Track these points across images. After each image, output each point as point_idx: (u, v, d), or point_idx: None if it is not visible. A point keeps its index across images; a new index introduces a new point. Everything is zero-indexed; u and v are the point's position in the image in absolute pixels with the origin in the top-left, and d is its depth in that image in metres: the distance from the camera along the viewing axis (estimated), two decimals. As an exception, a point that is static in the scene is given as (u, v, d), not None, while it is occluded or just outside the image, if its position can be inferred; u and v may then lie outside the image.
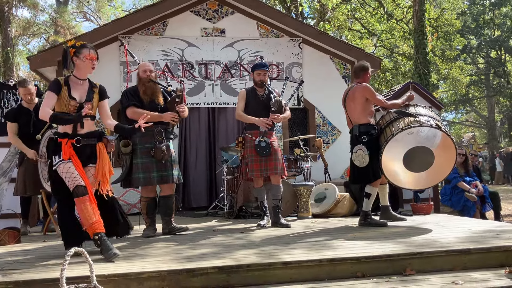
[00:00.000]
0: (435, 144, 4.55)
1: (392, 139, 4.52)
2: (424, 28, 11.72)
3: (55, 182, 3.64)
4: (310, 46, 8.24)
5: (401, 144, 4.55)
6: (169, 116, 4.60)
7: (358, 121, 4.87)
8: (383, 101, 4.94)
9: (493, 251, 3.31)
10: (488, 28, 28.43)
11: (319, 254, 3.25)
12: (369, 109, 4.91)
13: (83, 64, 3.68)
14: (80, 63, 3.68)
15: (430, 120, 4.58)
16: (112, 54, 7.59)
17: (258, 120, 5.03)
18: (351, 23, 21.42)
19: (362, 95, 4.85)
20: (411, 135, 4.52)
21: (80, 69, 3.71)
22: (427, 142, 4.54)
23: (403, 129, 4.51)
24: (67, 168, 3.51)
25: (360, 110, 4.87)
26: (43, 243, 4.48)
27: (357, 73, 5.05)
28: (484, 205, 7.40)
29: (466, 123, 38.76)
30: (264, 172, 5.05)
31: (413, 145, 4.54)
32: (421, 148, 4.54)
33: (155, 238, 4.48)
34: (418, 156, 4.57)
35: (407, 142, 4.54)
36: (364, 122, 4.84)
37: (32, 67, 7.40)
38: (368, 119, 4.87)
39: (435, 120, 4.61)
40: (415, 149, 4.55)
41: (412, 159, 4.59)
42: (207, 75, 7.81)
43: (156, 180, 4.55)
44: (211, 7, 8.02)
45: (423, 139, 4.53)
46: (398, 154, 4.58)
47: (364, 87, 4.87)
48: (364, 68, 5.03)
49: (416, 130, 4.50)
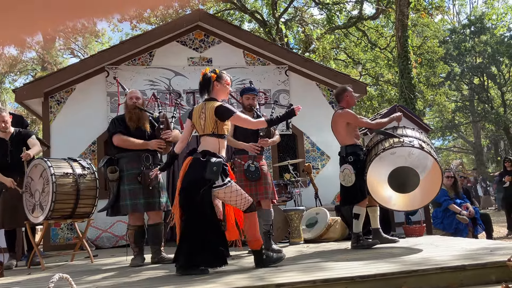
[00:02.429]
0: (422, 166, 4.50)
1: (375, 159, 4.51)
2: (408, 54, 11.94)
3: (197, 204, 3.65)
4: (297, 73, 8.32)
5: (385, 164, 4.52)
6: (155, 144, 4.55)
7: (345, 143, 4.93)
8: (366, 122, 5.00)
9: (489, 267, 3.25)
10: (469, 56, 29.08)
11: (313, 276, 3.17)
12: (354, 132, 4.97)
13: (224, 89, 3.95)
14: (221, 88, 3.93)
15: (414, 140, 4.56)
16: (99, 85, 7.59)
17: (247, 145, 5.00)
18: (336, 53, 21.78)
19: (343, 120, 4.91)
20: (394, 155, 4.49)
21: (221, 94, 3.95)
22: (414, 162, 4.50)
23: (386, 149, 4.50)
24: (235, 187, 3.76)
25: (344, 134, 4.94)
26: (27, 276, 4.33)
27: (337, 97, 5.14)
28: (476, 227, 7.37)
29: (454, 149, 39.14)
30: (254, 196, 4.96)
31: (397, 165, 4.50)
32: (406, 168, 4.51)
33: (143, 267, 4.36)
34: (404, 177, 4.52)
35: (391, 162, 4.51)
36: (350, 143, 4.90)
37: (18, 99, 7.35)
38: (354, 140, 4.92)
39: (420, 141, 4.59)
40: (400, 169, 4.51)
41: (398, 180, 4.54)
42: (195, 104, 7.81)
43: (143, 207, 4.46)
44: (197, 37, 8.10)
45: (410, 160, 4.49)
46: (383, 175, 4.55)
47: (343, 113, 4.93)
48: (342, 90, 5.11)
49: (402, 151, 4.47)
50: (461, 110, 31.54)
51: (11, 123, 5.32)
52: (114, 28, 23.36)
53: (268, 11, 19.36)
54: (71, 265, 5.06)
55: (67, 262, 5.32)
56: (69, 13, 1.08)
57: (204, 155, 3.71)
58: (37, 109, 7.91)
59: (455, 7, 33.12)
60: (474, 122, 30.68)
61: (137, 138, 4.53)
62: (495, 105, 28.78)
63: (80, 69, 7.49)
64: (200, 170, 3.64)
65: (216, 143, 3.78)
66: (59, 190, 4.61)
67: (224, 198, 3.77)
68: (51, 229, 7.04)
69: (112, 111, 7.30)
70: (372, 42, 20.28)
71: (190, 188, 3.66)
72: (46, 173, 4.67)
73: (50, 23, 1.09)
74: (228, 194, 3.71)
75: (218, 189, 3.70)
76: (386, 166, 4.53)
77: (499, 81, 29.07)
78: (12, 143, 5.20)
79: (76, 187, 4.78)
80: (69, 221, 5.02)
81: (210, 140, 3.79)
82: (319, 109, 8.22)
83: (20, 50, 21.64)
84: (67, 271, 4.21)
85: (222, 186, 3.69)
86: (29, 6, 1.03)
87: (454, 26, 31.31)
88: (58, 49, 24.75)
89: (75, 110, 7.46)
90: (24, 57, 23.63)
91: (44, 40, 23.43)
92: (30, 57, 24.52)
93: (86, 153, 7.37)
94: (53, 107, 7.43)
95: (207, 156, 3.70)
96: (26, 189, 4.91)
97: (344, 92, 5.06)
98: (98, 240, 7.03)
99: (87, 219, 5.05)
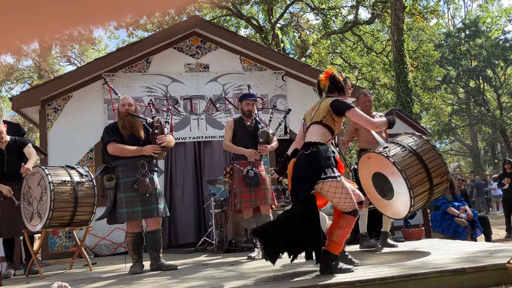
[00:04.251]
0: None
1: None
2: (404, 58, 11.99)
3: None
4: (293, 78, 8.34)
5: (368, 171, 4.51)
6: (150, 149, 4.52)
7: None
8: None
9: (488, 270, 3.25)
10: (465, 59, 29.22)
11: (312, 281, 3.16)
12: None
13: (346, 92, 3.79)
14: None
15: (394, 148, 4.40)
16: (96, 92, 7.58)
17: (247, 151, 5.00)
18: (332, 58, 21.85)
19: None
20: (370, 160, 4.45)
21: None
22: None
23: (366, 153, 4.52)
24: (346, 184, 3.39)
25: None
26: (26, 285, 4.30)
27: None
28: (474, 229, 7.37)
29: (451, 152, 39.20)
30: (253, 202, 4.98)
31: (375, 171, 4.44)
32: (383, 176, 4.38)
33: (143, 275, 4.34)
34: (384, 184, 4.40)
35: (369, 167, 4.46)
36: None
37: (14, 107, 7.33)
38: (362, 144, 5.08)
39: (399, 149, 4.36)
40: (380, 175, 4.41)
41: (381, 185, 4.44)
42: (192, 110, 7.82)
43: (140, 214, 4.44)
44: (194, 43, 8.12)
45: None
46: (368, 179, 4.53)
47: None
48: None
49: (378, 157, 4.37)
50: (458, 113, 31.65)
51: (7, 131, 5.31)
52: (110, 35, 23.39)
53: (264, 17, 19.43)
54: (69, 273, 5.04)
55: (66, 270, 5.29)
56: (65, 22, 1.08)
57: (308, 148, 3.42)
58: (34, 117, 7.90)
59: (450, 11, 33.35)
60: (470, 125, 30.79)
61: (131, 145, 4.48)
62: (491, 108, 28.90)
63: (77, 76, 7.48)
64: (308, 163, 3.35)
65: (322, 132, 3.47)
66: (57, 198, 4.60)
67: (328, 193, 3.33)
68: (49, 237, 7.01)
69: (110, 118, 7.29)
70: (368, 46, 20.36)
71: (299, 183, 3.36)
72: (44, 181, 4.66)
73: (47, 31, 1.09)
74: (333, 189, 3.30)
75: (325, 181, 3.29)
76: (369, 170, 4.49)
77: (494, 84, 29.21)
78: (8, 152, 5.19)
79: (74, 194, 4.77)
80: (67, 229, 5.00)
81: (317, 129, 3.50)
82: (316, 113, 8.23)
83: (16, 58, 21.62)
84: (65, 280, 4.20)
85: (332, 178, 3.30)
86: (27, 13, 1.04)
87: (449, 29, 31.48)
88: (55, 57, 24.75)
89: (72, 117, 7.45)
90: (20, 65, 23.61)
91: (40, 48, 23.44)
92: (26, 65, 24.52)
93: (84, 161, 7.35)
94: (50, 115, 7.42)
95: (310, 147, 3.39)
96: (24, 197, 4.90)
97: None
98: (97, 248, 7.00)
99: (85, 227, 5.03)
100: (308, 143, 3.44)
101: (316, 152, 3.34)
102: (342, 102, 3.50)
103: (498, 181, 10.36)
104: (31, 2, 1.01)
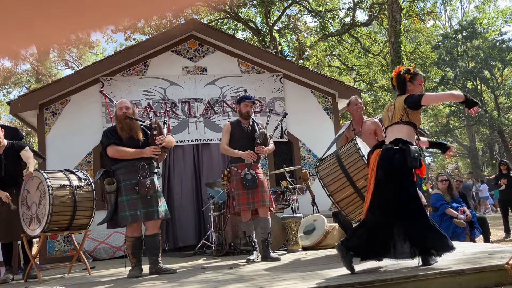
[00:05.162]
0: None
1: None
2: (401, 59, 12.01)
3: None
4: (291, 80, 8.34)
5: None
6: (150, 151, 4.53)
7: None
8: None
9: (488, 271, 3.26)
10: (462, 60, 29.29)
11: (312, 283, 3.16)
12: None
13: (417, 88, 3.77)
14: (413, 88, 3.77)
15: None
16: (94, 96, 7.57)
17: (243, 153, 5.00)
18: (330, 60, 21.88)
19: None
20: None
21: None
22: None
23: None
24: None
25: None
26: (24, 290, 4.30)
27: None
28: (473, 230, 7.37)
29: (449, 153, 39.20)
30: (251, 205, 4.97)
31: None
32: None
33: (141, 278, 4.33)
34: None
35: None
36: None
37: (12, 111, 7.32)
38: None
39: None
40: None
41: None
42: (190, 113, 7.81)
43: (142, 216, 4.44)
44: (192, 46, 8.12)
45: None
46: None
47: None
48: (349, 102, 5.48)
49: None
50: (456, 114, 31.70)
51: (5, 136, 5.29)
52: (108, 38, 23.38)
53: (261, 19, 19.45)
54: (68, 277, 5.03)
55: (65, 274, 5.28)
56: (63, 27, 1.08)
57: (397, 143, 3.51)
58: (32, 121, 7.89)
59: (447, 12, 33.44)
60: (468, 126, 30.84)
61: (130, 148, 4.51)
62: (489, 109, 28.96)
63: (75, 80, 7.48)
64: (396, 158, 3.45)
65: (406, 131, 3.60)
66: (56, 202, 4.59)
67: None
68: (47, 241, 6.99)
69: (108, 122, 7.28)
70: (365, 48, 20.40)
71: (387, 179, 3.48)
72: (42, 185, 4.66)
73: (45, 37, 1.09)
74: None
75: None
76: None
77: (492, 85, 29.28)
78: (6, 157, 5.17)
79: (73, 198, 4.76)
80: (66, 233, 4.99)
81: (399, 128, 3.63)
82: (315, 116, 8.25)
83: (14, 62, 21.61)
84: (64, 284, 4.18)
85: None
86: (25, 18, 1.04)
87: (446, 31, 31.57)
88: (53, 61, 24.73)
89: (71, 121, 7.44)
90: (18, 69, 23.62)
91: (38, 52, 23.42)
92: (24, 69, 24.53)
93: (82, 165, 7.34)
94: (48, 119, 7.41)
95: (400, 144, 3.49)
96: (23, 201, 4.89)
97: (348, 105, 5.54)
98: (95, 252, 6.99)
99: (84, 231, 5.02)
100: (397, 140, 3.54)
101: (404, 150, 3.46)
102: (412, 96, 3.63)
103: (494, 182, 10.34)
104: (29, 5, 1.01)
